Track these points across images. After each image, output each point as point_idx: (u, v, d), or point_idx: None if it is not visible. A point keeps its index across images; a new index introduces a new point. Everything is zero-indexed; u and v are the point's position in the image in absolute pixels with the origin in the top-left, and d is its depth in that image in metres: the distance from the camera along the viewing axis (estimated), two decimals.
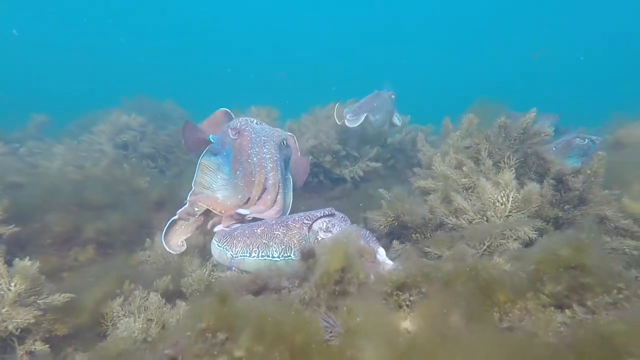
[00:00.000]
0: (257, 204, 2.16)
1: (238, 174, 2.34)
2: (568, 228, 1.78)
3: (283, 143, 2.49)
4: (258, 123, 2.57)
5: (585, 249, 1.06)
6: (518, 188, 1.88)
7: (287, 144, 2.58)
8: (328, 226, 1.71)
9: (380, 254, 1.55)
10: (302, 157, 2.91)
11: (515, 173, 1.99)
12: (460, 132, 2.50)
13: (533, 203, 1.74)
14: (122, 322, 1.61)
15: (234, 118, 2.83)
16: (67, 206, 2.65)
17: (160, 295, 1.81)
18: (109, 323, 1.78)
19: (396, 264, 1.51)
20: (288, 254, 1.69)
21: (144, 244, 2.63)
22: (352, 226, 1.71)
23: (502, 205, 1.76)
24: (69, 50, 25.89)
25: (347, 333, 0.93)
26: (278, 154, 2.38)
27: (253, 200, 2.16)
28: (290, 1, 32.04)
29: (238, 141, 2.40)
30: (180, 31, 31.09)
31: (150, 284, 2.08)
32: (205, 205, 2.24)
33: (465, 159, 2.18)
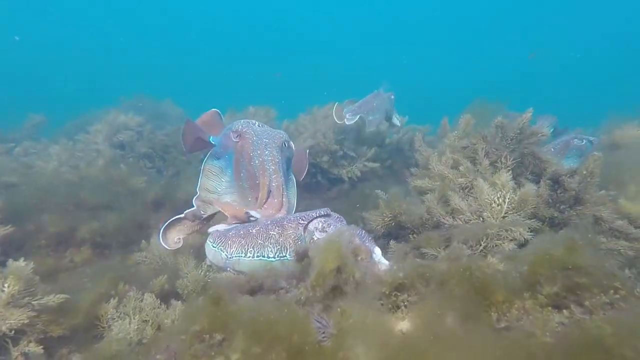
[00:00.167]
0: (266, 208, 2.18)
1: (242, 176, 2.37)
2: (563, 228, 1.78)
3: (284, 145, 2.50)
4: (260, 125, 2.59)
5: (578, 250, 1.06)
6: (515, 188, 1.88)
7: (289, 146, 2.60)
8: (324, 226, 1.70)
9: (376, 254, 1.54)
10: (299, 150, 2.93)
11: (512, 173, 1.99)
12: (457, 133, 2.50)
13: (529, 204, 1.75)
14: (116, 325, 1.60)
15: (224, 118, 2.86)
16: (62, 207, 2.64)
17: (155, 295, 1.80)
18: (105, 325, 1.77)
19: (392, 264, 1.51)
20: (283, 254, 1.69)
21: (141, 245, 2.62)
22: (347, 226, 1.70)
23: (499, 206, 1.76)
24: (67, 49, 25.82)
25: (340, 334, 0.93)
26: (280, 156, 2.40)
27: (261, 203, 2.19)
28: (289, 0, 32.06)
29: (240, 144, 2.42)
30: (178, 31, 31.08)
31: (146, 285, 2.07)
32: (218, 207, 2.27)
33: (461, 159, 2.18)
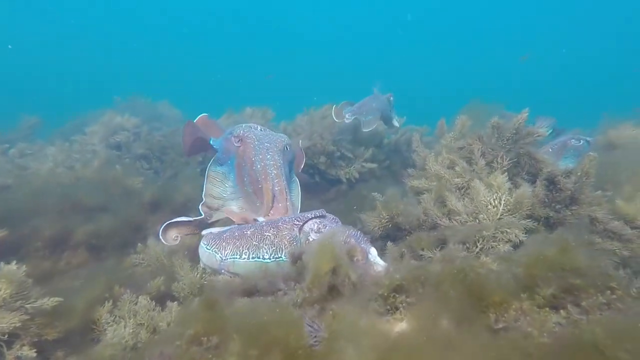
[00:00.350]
0: (273, 214, 2.20)
1: (246, 181, 2.39)
2: (558, 227, 1.78)
3: (286, 148, 2.51)
4: (262, 129, 2.61)
5: (571, 251, 1.06)
6: (511, 188, 1.88)
7: (290, 149, 2.61)
8: (319, 227, 1.70)
9: (371, 254, 1.54)
10: (297, 151, 2.97)
11: (508, 173, 1.99)
12: (453, 134, 2.50)
13: (524, 207, 1.75)
14: (110, 329, 1.59)
15: (222, 119, 2.93)
16: (58, 209, 2.61)
17: (149, 298, 1.78)
18: (101, 328, 1.76)
19: (387, 264, 1.51)
20: (279, 255, 1.68)
21: (137, 248, 2.58)
22: (342, 227, 1.70)
23: (494, 207, 1.76)
24: (64, 50, 25.71)
25: (331, 337, 0.92)
26: (282, 160, 2.41)
27: (267, 208, 2.20)
28: (286, 1, 32.06)
29: (241, 149, 2.44)
30: (174, 32, 31.02)
31: (142, 287, 2.05)
32: (225, 214, 2.36)
33: (458, 159, 2.19)
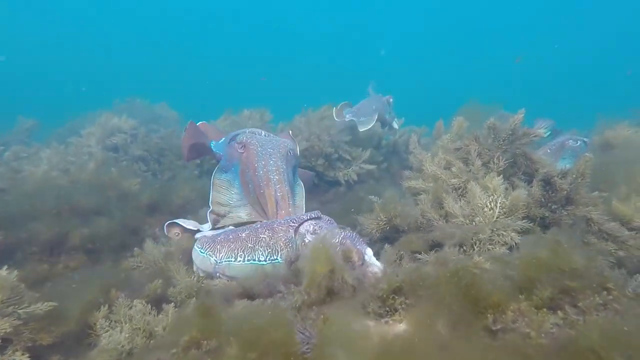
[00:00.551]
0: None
1: (250, 188, 2.40)
2: (553, 228, 1.79)
3: (290, 153, 2.51)
4: (266, 134, 2.62)
5: (563, 252, 1.06)
6: (507, 188, 1.88)
7: (294, 154, 2.62)
8: (315, 229, 1.69)
9: (367, 255, 1.54)
10: (305, 172, 2.99)
11: (504, 174, 1.99)
12: (450, 135, 2.51)
13: (520, 210, 1.75)
14: (105, 335, 1.57)
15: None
16: (53, 212, 2.59)
17: (145, 302, 1.76)
18: (97, 332, 1.74)
19: (383, 265, 1.50)
20: (275, 257, 1.67)
21: (134, 252, 2.55)
22: (337, 228, 1.70)
23: (491, 210, 1.76)
24: (63, 50, 25.62)
25: (322, 343, 0.91)
26: (285, 165, 2.41)
27: (272, 214, 2.22)
28: (284, 2, 32.07)
29: (244, 155, 2.46)
30: (173, 33, 30.96)
31: (139, 290, 2.04)
32: (234, 220, 2.41)
33: (454, 160, 2.19)
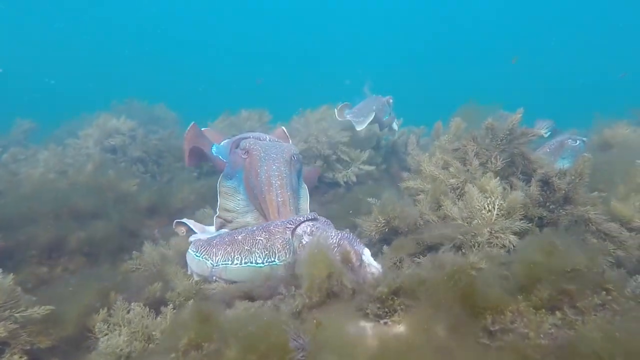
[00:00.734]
0: None
1: (255, 193, 2.40)
2: (550, 228, 1.78)
3: (293, 158, 2.52)
4: (270, 140, 2.65)
5: (558, 254, 1.06)
6: (505, 189, 1.88)
7: (298, 159, 2.63)
8: (312, 230, 1.68)
9: (365, 255, 1.53)
10: (311, 169, 2.98)
11: (502, 174, 1.99)
12: (447, 136, 2.51)
13: (517, 212, 1.75)
14: (104, 339, 1.57)
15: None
16: (51, 215, 2.58)
17: (144, 304, 1.75)
18: (96, 335, 1.73)
19: (382, 266, 1.50)
20: (272, 259, 1.66)
21: (133, 254, 2.53)
22: (334, 230, 1.69)
23: (489, 212, 1.76)
24: (62, 51, 25.56)
25: (315, 349, 0.91)
26: (288, 170, 2.41)
27: (274, 219, 2.21)
28: (282, 3, 32.02)
29: (248, 160, 2.48)
30: (172, 34, 30.92)
31: (138, 293, 2.03)
32: (240, 225, 2.45)
33: (452, 160, 2.19)
